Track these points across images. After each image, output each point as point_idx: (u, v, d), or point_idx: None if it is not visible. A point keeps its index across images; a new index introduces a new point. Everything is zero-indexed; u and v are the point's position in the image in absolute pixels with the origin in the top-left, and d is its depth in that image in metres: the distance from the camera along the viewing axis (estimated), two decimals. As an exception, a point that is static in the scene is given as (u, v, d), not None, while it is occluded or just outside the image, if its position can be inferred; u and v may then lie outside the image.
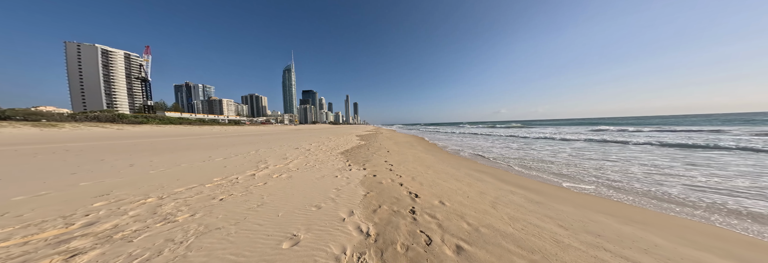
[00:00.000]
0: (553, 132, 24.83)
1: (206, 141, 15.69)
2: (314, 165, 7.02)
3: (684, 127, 26.90)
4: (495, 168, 7.88)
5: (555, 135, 21.49)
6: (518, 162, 8.96)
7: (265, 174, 5.60)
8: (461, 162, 8.98)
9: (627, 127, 30.10)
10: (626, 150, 11.33)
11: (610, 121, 71.09)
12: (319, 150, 10.73)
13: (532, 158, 9.83)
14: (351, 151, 10.47)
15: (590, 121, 77.96)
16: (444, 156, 10.55)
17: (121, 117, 49.97)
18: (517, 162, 8.97)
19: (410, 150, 12.09)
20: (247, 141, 16.34)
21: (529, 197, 4.62)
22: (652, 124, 41.79)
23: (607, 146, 12.74)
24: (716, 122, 39.18)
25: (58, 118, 39.66)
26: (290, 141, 15.58)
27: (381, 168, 6.72)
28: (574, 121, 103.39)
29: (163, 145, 12.85)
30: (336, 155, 9.14)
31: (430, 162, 8.59)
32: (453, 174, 6.56)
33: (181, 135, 24.89)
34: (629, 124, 40.37)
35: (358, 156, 8.90)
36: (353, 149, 11.40)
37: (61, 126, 30.15)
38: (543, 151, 11.69)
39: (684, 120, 58.83)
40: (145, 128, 39.00)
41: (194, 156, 8.76)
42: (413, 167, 7.23)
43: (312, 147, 11.97)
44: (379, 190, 4.55)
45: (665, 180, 5.81)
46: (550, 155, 10.49)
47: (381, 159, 8.34)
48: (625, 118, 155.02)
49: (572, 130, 28.68)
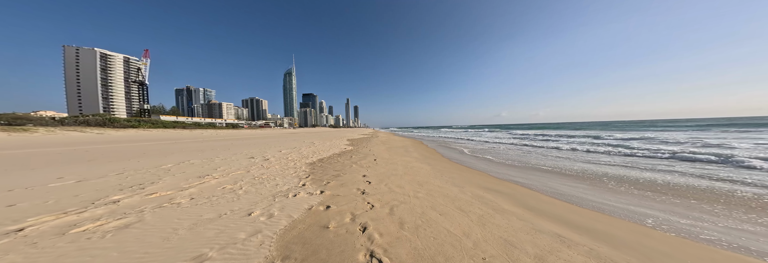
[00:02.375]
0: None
1: (169, 147, 13.59)
2: (240, 187, 4.63)
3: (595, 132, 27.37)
4: (512, 184, 5.69)
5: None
6: (542, 176, 6.77)
7: (99, 216, 3.38)
8: (465, 176, 6.79)
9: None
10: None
11: (597, 125, 68.37)
12: (285, 159, 8.55)
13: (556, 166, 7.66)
14: (326, 161, 8.30)
15: (579, 126, 76.19)
16: (444, 166, 8.37)
17: (112, 121, 48.19)
18: (541, 177, 6.79)
19: (403, 157, 9.92)
20: (214, 146, 14.23)
21: (590, 248, 2.45)
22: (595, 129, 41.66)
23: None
24: (663, 126, 40.90)
25: (45, 122, 37.98)
26: (265, 147, 13.47)
27: (348, 191, 4.56)
28: (562, 124, 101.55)
29: (116, 153, 10.77)
30: (299, 167, 6.95)
31: (425, 175, 6.41)
32: (455, 198, 4.39)
33: (157, 139, 22.84)
34: (615, 129, 39.87)
35: (328, 169, 6.73)
36: (331, 157, 9.22)
37: (34, 130, 28.23)
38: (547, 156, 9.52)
39: (670, 124, 56.88)
40: (130, 132, 37.08)
41: (117, 166, 6.67)
42: (400, 185, 5.07)
43: (279, 155, 9.78)
44: (311, 251, 2.39)
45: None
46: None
47: (359, 174, 6.18)
48: (627, 121, 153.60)
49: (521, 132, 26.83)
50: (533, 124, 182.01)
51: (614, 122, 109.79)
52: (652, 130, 29.82)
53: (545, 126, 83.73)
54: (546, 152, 12.00)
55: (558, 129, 47.58)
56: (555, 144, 15.22)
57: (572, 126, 65.92)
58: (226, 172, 6.00)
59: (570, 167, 7.84)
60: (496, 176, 6.95)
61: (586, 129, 41.53)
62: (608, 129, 39.24)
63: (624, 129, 37.71)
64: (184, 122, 73.11)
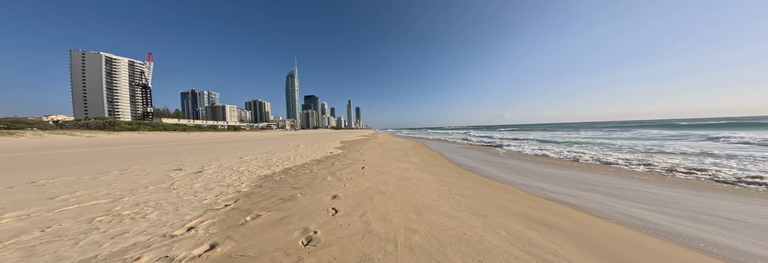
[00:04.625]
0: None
1: (134, 152, 11.82)
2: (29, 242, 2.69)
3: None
4: (565, 209, 3.63)
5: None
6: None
7: None
8: (485, 191, 4.71)
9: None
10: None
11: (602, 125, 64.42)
12: (235, 169, 6.48)
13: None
14: (294, 171, 6.26)
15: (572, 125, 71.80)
16: (452, 176, 6.30)
17: (113, 124, 47.26)
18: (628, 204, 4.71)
19: (400, 163, 7.88)
20: (179, 150, 12.41)
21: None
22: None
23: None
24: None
25: (45, 126, 37.22)
26: (232, 151, 11.58)
27: (277, 241, 2.57)
28: (564, 125, 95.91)
29: (84, 157, 9.01)
30: (239, 184, 4.85)
31: (427, 191, 4.38)
32: (480, 243, 2.37)
33: (142, 142, 21.24)
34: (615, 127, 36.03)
35: (284, 186, 4.71)
36: (306, 165, 7.20)
37: (20, 134, 27.03)
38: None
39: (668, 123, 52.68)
40: (123, 135, 35.80)
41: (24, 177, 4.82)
42: (384, 216, 3.06)
43: (233, 162, 7.74)
44: None
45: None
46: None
47: (328, 193, 4.18)
48: (633, 121, 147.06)
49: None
50: (534, 124, 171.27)
51: (670, 120, 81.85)
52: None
53: (576, 125, 74.03)
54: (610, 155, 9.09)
55: (618, 127, 41.00)
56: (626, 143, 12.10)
57: (628, 124, 58.55)
58: (99, 196, 4.05)
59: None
60: (532, 192, 4.88)
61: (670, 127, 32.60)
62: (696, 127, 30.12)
63: (712, 127, 28.64)
64: (186, 125, 72.31)
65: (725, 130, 23.05)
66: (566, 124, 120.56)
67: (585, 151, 10.67)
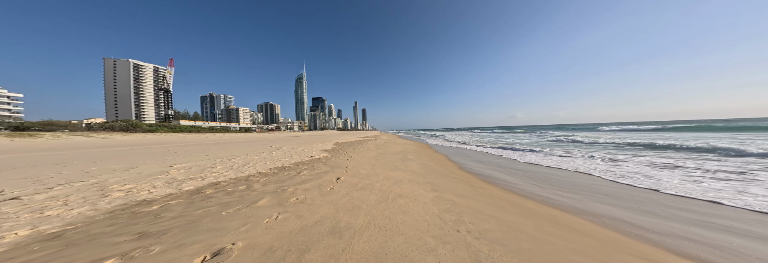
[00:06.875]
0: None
1: (117, 152, 11.08)
2: None
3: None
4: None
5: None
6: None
7: None
8: (522, 224, 3.09)
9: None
10: None
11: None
12: (129, 187, 5.26)
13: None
14: (225, 185, 4.75)
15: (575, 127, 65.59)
16: (462, 194, 4.68)
17: (135, 126, 49.16)
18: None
19: (391, 173, 6.33)
20: (164, 152, 11.53)
21: None
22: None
23: None
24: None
25: (74, 127, 39.35)
26: (193, 155, 10.51)
27: None
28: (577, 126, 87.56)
29: (71, 157, 8.29)
30: (100, 212, 3.21)
31: (419, 226, 2.83)
32: None
33: (148, 143, 21.04)
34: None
35: (137, 225, 3.33)
36: (250, 178, 5.50)
37: (40, 136, 28.03)
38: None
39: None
40: (137, 136, 36.66)
41: None
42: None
43: (158, 170, 6.52)
44: None
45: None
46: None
47: (206, 245, 2.73)
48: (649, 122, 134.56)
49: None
50: (549, 125, 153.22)
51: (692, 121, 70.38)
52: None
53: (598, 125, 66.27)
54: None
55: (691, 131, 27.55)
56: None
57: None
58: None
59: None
60: (617, 229, 3.20)
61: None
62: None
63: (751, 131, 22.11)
64: (200, 126, 74.43)
65: None
66: (611, 123, 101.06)
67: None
